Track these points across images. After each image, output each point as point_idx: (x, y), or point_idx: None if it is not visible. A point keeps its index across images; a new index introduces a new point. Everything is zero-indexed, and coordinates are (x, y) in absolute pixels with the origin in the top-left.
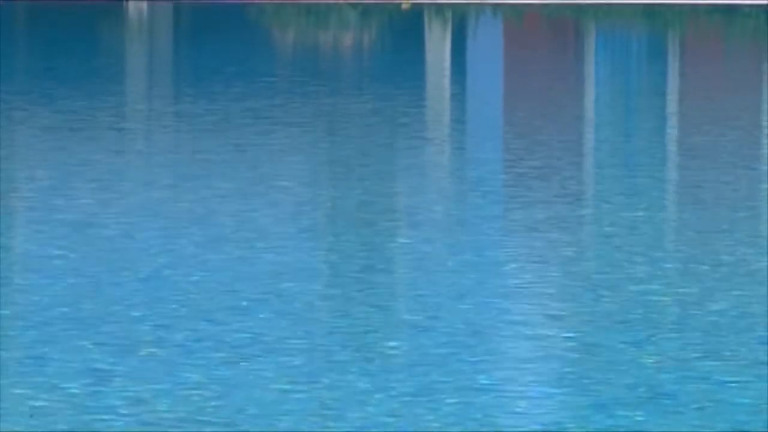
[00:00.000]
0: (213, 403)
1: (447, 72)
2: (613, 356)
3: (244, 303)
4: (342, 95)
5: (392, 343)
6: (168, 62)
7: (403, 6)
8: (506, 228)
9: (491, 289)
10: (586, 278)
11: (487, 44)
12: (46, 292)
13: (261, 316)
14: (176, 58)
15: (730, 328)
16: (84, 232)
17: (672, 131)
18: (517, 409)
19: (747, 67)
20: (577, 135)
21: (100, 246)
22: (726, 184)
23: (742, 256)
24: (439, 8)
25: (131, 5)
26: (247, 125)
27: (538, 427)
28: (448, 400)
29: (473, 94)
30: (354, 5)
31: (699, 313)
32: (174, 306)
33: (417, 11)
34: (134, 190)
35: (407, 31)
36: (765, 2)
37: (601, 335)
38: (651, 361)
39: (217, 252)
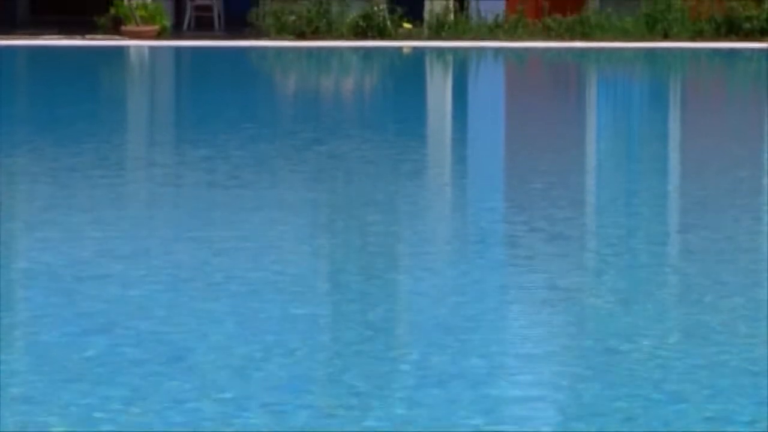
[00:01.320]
0: None
1: (448, 116)
2: None
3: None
4: (342, 140)
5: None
6: (167, 107)
7: (404, 50)
8: (508, 289)
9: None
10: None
11: (489, 88)
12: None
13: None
14: (176, 102)
15: None
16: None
17: (675, 180)
18: None
19: (749, 112)
20: (579, 183)
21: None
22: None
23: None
24: (440, 52)
25: (132, 48)
26: (245, 172)
27: None
28: None
29: (475, 139)
30: (355, 49)
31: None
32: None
33: (418, 55)
34: (125, 238)
35: (408, 75)
36: (766, 46)
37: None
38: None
39: (214, 303)
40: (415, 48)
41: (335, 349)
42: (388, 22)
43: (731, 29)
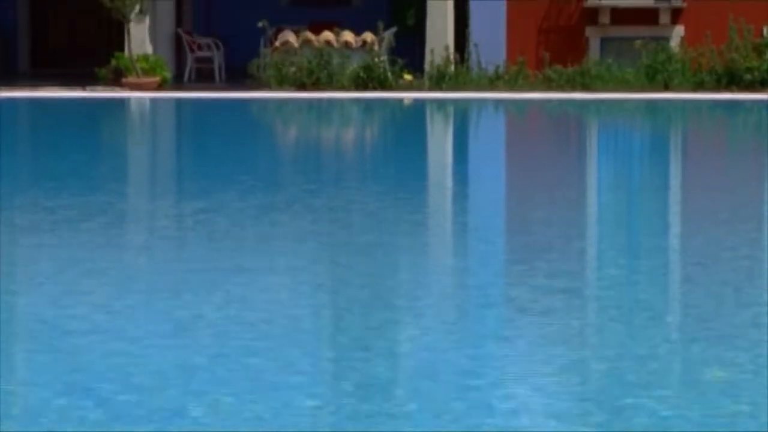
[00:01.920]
0: None
1: (449, 168)
2: None
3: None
4: (343, 191)
5: None
6: (167, 160)
7: (405, 101)
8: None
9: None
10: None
11: (490, 139)
12: None
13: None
14: (176, 154)
15: None
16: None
17: (677, 235)
18: None
19: (750, 164)
20: (581, 237)
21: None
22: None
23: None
24: (441, 103)
25: (133, 99)
26: (246, 226)
27: None
28: None
29: (475, 190)
30: (356, 100)
31: None
32: None
33: (419, 106)
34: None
35: (409, 126)
36: (767, 97)
37: None
38: None
39: (214, 362)
40: (415, 99)
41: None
42: (389, 74)
43: (732, 80)
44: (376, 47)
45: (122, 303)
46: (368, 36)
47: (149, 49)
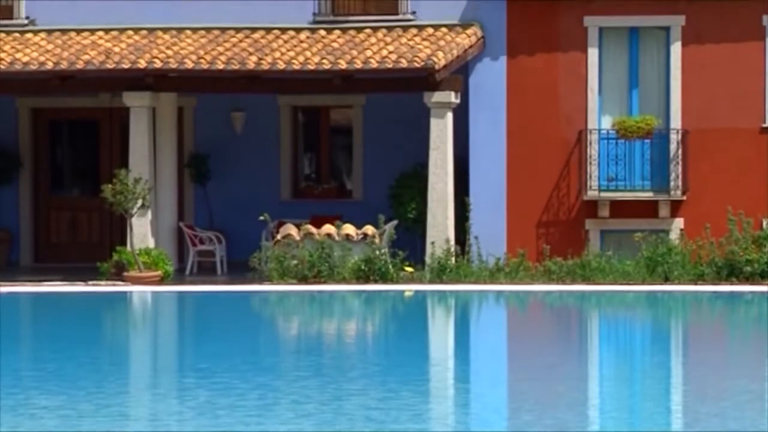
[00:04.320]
0: None
1: (450, 360)
2: None
3: None
4: (345, 384)
5: None
6: (167, 355)
7: (406, 293)
8: None
9: None
10: None
11: (491, 332)
12: None
13: None
14: (176, 350)
15: None
16: None
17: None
18: None
19: (751, 357)
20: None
21: None
22: None
23: None
24: (442, 295)
25: (135, 294)
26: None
27: None
28: None
29: (477, 384)
30: (357, 293)
31: None
32: None
33: (420, 298)
34: None
35: (410, 319)
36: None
37: None
38: None
39: None
40: (416, 291)
41: None
42: (390, 266)
43: (732, 272)
44: (377, 240)
45: None
46: (369, 229)
47: (151, 242)
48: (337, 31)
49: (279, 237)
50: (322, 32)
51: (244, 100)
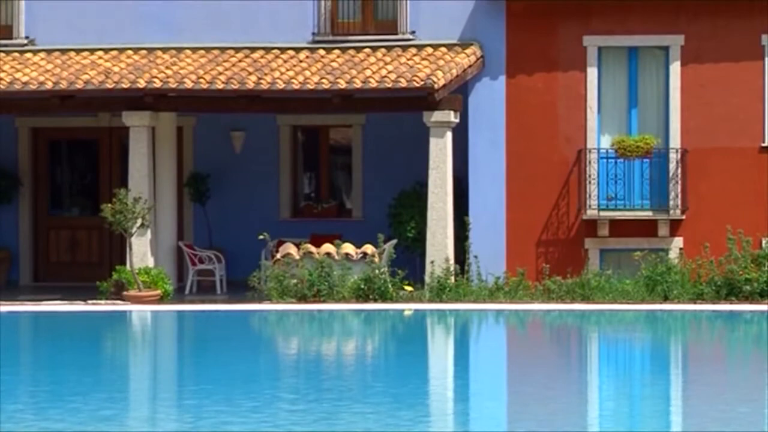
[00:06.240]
0: None
1: (450, 380)
2: None
3: None
4: (344, 403)
5: None
6: (165, 374)
7: (406, 312)
8: None
9: None
10: None
11: (490, 351)
12: None
13: None
14: (175, 369)
15: None
16: None
17: None
18: None
19: (750, 375)
20: None
21: None
22: None
23: None
24: (442, 314)
25: (134, 313)
26: None
27: None
28: None
29: (477, 402)
30: (357, 312)
31: None
32: None
33: (419, 317)
34: None
35: (410, 338)
36: (766, 308)
37: None
38: None
39: None
40: (416, 310)
41: None
42: (390, 285)
43: (731, 291)
44: (376, 259)
45: None
46: (369, 248)
47: (151, 261)
48: (337, 51)
49: (278, 256)
50: (322, 52)
51: (243, 120)
